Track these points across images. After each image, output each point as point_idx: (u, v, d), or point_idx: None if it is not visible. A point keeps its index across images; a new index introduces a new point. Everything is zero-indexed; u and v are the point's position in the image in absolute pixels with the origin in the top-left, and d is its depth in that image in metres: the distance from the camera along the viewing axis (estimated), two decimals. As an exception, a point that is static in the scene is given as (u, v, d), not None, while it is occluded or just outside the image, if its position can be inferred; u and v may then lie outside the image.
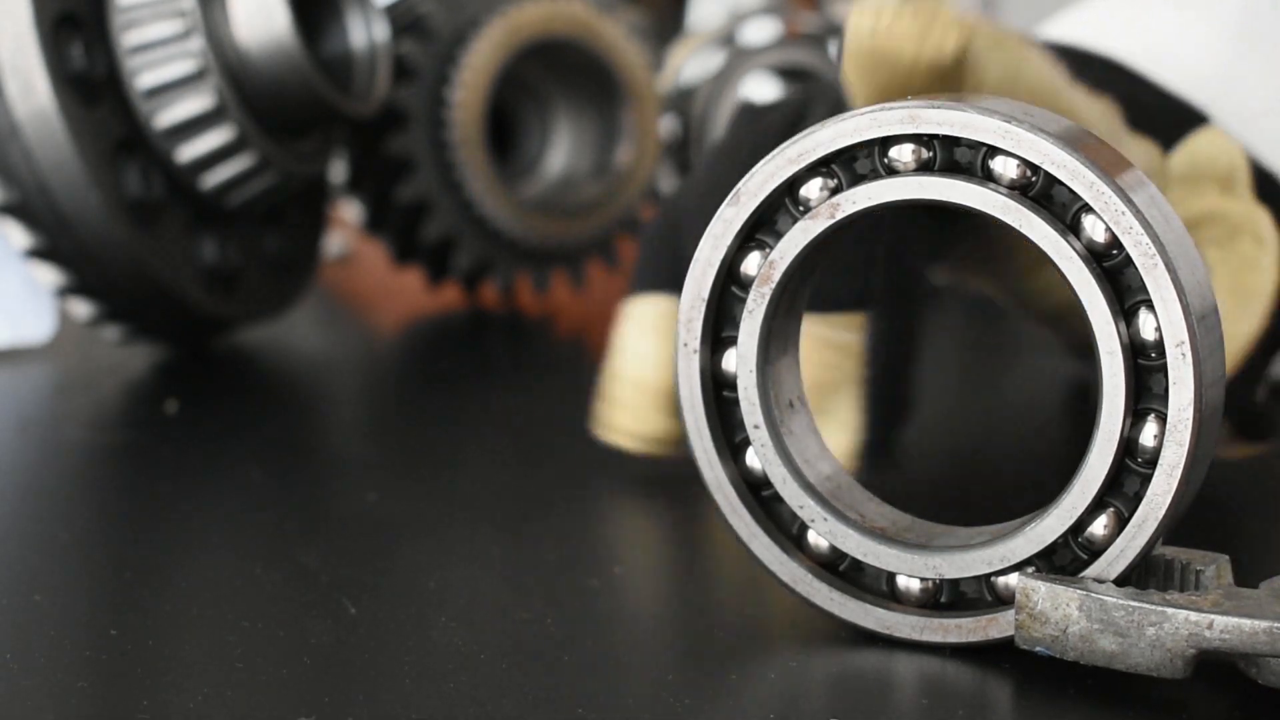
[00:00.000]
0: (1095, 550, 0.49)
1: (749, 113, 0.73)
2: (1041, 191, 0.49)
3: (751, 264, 0.52)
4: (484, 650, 0.51)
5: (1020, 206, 0.48)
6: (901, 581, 0.51)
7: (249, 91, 0.89)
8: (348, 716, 0.46)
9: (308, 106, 0.90)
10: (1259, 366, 0.68)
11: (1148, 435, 0.48)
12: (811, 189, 0.51)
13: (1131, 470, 0.48)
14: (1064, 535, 0.49)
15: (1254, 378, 0.69)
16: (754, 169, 0.51)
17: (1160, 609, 0.46)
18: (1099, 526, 0.49)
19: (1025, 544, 0.49)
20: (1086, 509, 0.49)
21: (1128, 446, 0.48)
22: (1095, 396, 0.48)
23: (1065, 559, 0.49)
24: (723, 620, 0.53)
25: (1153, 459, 0.48)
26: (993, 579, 0.50)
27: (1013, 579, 0.50)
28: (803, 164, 0.50)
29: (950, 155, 0.50)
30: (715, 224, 0.51)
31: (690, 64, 1.24)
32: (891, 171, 0.50)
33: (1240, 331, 0.65)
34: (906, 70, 0.58)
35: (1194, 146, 0.68)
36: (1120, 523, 0.49)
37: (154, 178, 0.87)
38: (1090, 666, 0.47)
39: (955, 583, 0.51)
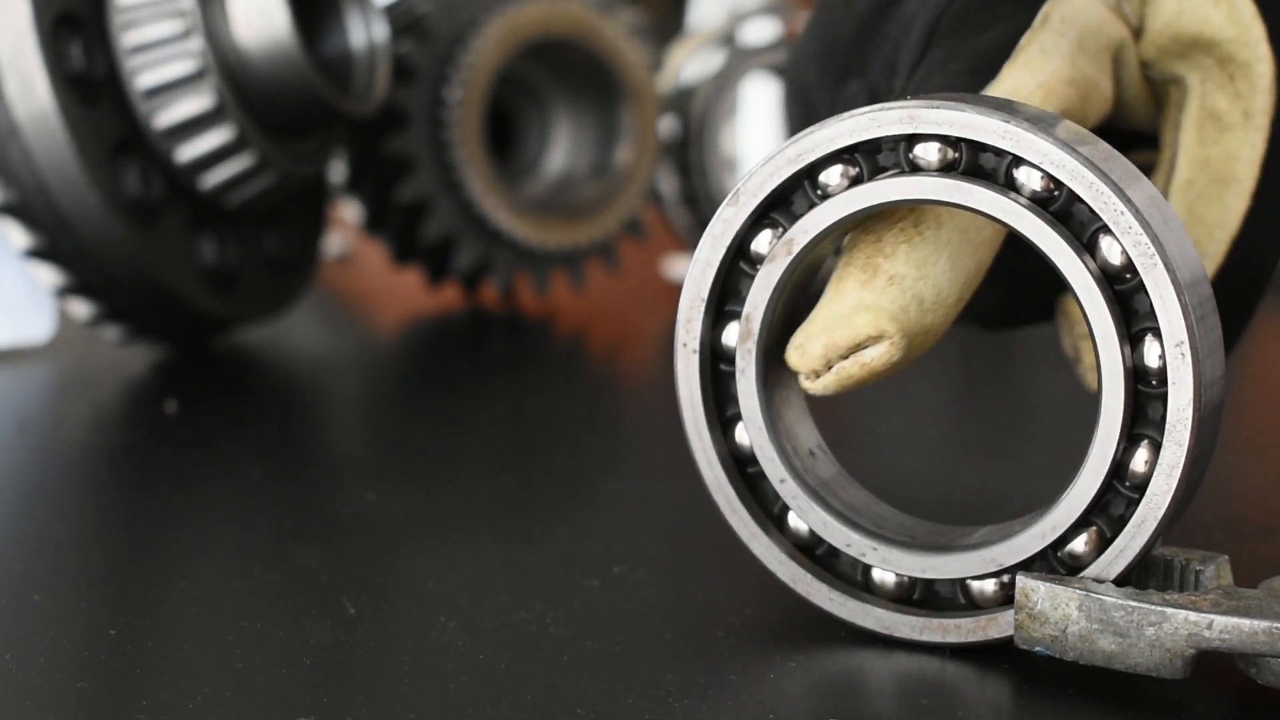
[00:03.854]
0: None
1: None
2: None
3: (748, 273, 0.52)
4: (484, 650, 0.51)
5: (960, 182, 0.48)
6: (975, 586, 0.51)
7: (248, 91, 0.89)
8: (347, 716, 0.46)
9: (307, 106, 0.91)
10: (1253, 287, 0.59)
11: (1152, 356, 0.48)
12: (761, 243, 0.51)
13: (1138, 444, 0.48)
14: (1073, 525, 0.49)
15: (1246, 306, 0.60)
16: (752, 169, 0.51)
17: (1160, 609, 0.46)
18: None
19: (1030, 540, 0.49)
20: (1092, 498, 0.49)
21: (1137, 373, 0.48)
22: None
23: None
24: (723, 620, 0.53)
25: (1163, 383, 0.48)
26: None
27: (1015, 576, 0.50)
28: (802, 164, 0.50)
29: (875, 164, 0.50)
30: (715, 223, 0.51)
31: (690, 64, 1.24)
32: (825, 197, 0.50)
33: (1218, 224, 0.58)
34: None
35: None
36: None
37: (153, 178, 0.87)
38: (1090, 666, 0.47)
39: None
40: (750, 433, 0.52)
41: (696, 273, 0.52)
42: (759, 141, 1.38)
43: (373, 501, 0.70)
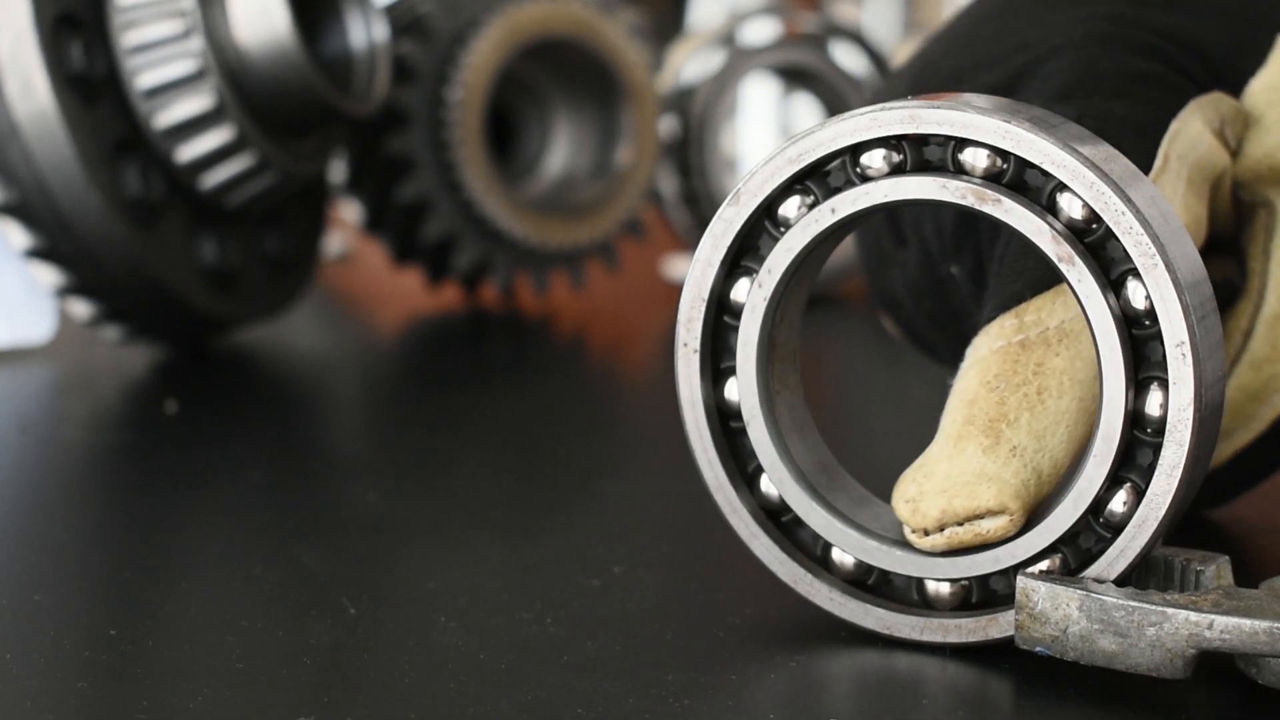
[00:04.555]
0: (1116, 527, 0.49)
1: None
2: (1014, 178, 0.48)
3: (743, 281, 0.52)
4: (484, 650, 0.51)
5: (999, 195, 0.48)
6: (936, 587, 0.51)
7: (249, 92, 0.89)
8: (347, 716, 0.46)
9: (307, 106, 0.91)
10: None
11: (1153, 404, 0.48)
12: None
13: (1142, 442, 0.48)
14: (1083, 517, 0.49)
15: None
16: (752, 168, 0.51)
17: (1160, 609, 0.46)
18: (1118, 504, 0.49)
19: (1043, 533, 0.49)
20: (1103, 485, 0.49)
21: (1135, 418, 0.48)
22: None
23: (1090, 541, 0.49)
24: (723, 620, 0.53)
25: (1160, 428, 0.48)
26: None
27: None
28: (803, 163, 0.50)
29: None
30: (715, 223, 0.51)
31: (690, 64, 1.24)
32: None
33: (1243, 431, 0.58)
34: None
35: (1274, 76, 0.58)
36: (1138, 496, 0.48)
37: (153, 178, 0.87)
38: (1090, 666, 0.47)
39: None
40: (764, 461, 0.52)
41: (696, 273, 0.52)
42: (759, 141, 1.38)
43: (373, 501, 0.70)
